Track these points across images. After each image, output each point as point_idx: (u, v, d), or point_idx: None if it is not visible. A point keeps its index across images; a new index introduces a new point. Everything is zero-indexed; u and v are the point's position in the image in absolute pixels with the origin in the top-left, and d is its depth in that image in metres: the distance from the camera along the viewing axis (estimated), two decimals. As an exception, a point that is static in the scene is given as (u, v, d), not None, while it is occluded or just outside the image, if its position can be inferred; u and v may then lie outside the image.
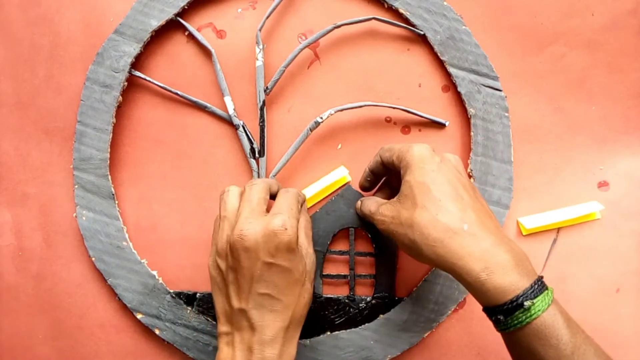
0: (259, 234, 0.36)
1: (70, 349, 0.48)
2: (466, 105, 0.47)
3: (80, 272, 0.48)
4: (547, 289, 0.34)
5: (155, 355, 0.48)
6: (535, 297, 0.32)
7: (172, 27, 0.48)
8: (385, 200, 0.40)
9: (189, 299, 0.47)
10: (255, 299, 0.36)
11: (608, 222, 0.48)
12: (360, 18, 0.47)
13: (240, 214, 0.37)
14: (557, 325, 0.33)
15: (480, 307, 0.36)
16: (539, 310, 0.32)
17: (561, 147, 0.49)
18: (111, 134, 0.47)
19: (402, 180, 0.38)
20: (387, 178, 0.46)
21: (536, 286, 0.33)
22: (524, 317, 0.32)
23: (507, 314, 0.33)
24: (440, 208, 0.35)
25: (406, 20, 0.48)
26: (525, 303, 0.32)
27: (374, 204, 0.41)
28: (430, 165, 0.37)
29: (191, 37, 0.48)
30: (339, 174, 0.48)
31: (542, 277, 0.34)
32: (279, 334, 0.36)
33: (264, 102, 0.47)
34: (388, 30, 0.49)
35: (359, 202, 0.45)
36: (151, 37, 0.47)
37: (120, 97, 0.47)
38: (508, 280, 0.33)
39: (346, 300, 0.47)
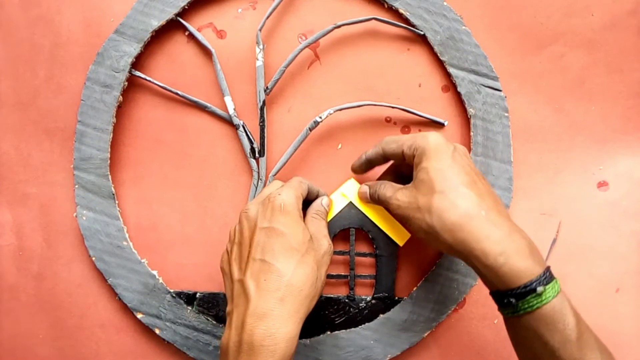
0: (260, 205, 0.39)
1: (71, 349, 0.48)
2: (466, 106, 0.47)
3: (81, 271, 0.48)
4: (554, 278, 0.35)
5: (155, 355, 0.48)
6: (547, 284, 0.34)
7: (172, 27, 0.48)
8: (401, 186, 0.40)
9: (189, 298, 0.47)
10: (252, 266, 0.36)
11: (608, 222, 0.48)
12: (361, 18, 0.47)
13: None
14: (565, 312, 0.34)
15: (479, 306, 0.37)
16: (549, 297, 0.33)
17: (561, 147, 0.49)
18: (111, 134, 0.47)
19: (417, 167, 0.38)
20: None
21: (547, 274, 0.34)
22: (535, 302, 0.33)
23: (519, 298, 0.34)
24: (458, 194, 0.36)
25: (406, 21, 0.48)
26: (538, 288, 0.33)
27: (389, 189, 0.41)
28: (446, 152, 0.38)
29: (191, 37, 0.48)
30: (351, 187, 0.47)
31: (549, 267, 0.35)
32: (273, 307, 0.34)
33: (264, 102, 0.47)
34: (388, 30, 0.49)
35: (366, 187, 0.44)
36: (151, 37, 0.47)
37: (121, 97, 0.47)
38: (524, 265, 0.34)
39: (346, 300, 0.47)
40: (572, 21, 0.48)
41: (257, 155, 0.47)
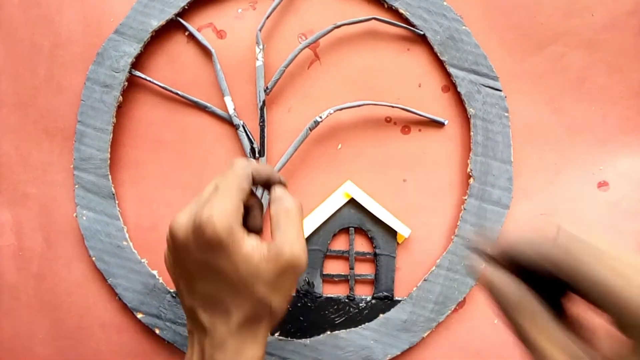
0: (190, 228, 0.32)
1: (71, 349, 0.48)
2: (466, 105, 0.47)
3: (81, 271, 0.48)
4: None
5: (155, 355, 0.48)
6: None
7: (172, 27, 0.48)
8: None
9: (189, 298, 0.47)
10: (200, 296, 0.33)
11: (608, 222, 0.48)
12: (360, 18, 0.47)
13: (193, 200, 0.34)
14: None
15: (479, 306, 0.36)
16: None
17: (561, 147, 0.49)
18: (111, 134, 0.47)
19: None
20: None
21: None
22: None
23: None
24: None
25: (406, 21, 0.48)
26: None
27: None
28: None
29: (191, 37, 0.48)
30: (342, 194, 0.47)
31: None
32: (232, 335, 0.32)
33: (264, 102, 0.47)
34: (388, 30, 0.49)
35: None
36: (151, 37, 0.47)
37: (121, 97, 0.47)
38: None
39: (346, 300, 0.47)
40: (572, 21, 0.48)
41: (257, 155, 0.47)
